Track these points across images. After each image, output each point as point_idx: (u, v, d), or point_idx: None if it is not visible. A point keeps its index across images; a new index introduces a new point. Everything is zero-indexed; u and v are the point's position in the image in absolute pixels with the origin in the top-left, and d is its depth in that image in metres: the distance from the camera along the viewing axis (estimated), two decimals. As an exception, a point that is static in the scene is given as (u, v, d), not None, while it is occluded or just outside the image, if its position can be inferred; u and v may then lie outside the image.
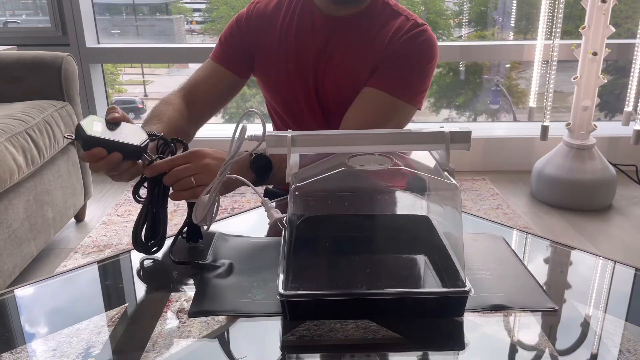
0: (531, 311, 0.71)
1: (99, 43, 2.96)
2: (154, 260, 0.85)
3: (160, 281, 0.81)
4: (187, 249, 0.87)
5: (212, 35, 3.46)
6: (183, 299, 0.74)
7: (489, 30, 3.39)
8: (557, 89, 2.63)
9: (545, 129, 2.55)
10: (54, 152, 1.96)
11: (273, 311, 0.69)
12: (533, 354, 0.64)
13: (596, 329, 0.68)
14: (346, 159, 0.74)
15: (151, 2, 3.55)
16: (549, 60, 2.48)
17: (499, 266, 0.80)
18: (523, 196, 2.60)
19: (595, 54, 2.32)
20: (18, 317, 0.74)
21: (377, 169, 0.73)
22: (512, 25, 3.20)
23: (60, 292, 0.80)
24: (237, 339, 0.67)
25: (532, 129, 2.84)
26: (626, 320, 0.70)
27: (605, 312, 0.72)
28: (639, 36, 2.47)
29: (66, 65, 2.09)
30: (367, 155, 0.75)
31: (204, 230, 0.87)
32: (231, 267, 0.80)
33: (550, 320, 0.70)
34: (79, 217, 2.33)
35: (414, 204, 0.84)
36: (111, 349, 0.65)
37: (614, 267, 0.84)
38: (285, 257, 0.72)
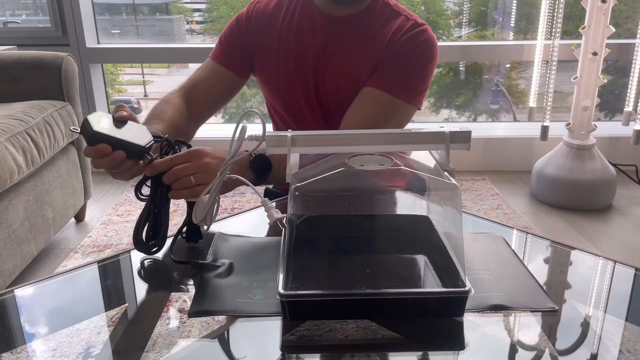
0: (531, 311, 0.71)
1: (99, 43, 2.96)
2: (154, 260, 0.85)
3: (160, 281, 0.81)
4: (187, 248, 0.87)
5: (212, 35, 3.46)
6: (183, 299, 0.74)
7: (489, 30, 3.39)
8: (557, 89, 2.63)
9: (545, 129, 2.55)
10: (54, 152, 1.96)
11: (273, 311, 0.69)
12: (533, 354, 0.64)
13: (596, 329, 0.68)
14: (346, 159, 0.74)
15: (151, 2, 3.55)
16: (549, 60, 2.48)
17: (499, 266, 0.80)
18: (523, 196, 2.60)
19: (595, 54, 2.32)
20: (18, 317, 0.74)
21: (377, 169, 0.73)
22: (512, 25, 3.20)
23: (60, 292, 0.80)
24: (237, 339, 0.67)
25: (532, 129, 2.84)
26: (626, 320, 0.70)
27: (605, 312, 0.72)
28: (639, 36, 2.47)
29: (66, 65, 2.09)
30: (367, 155, 0.75)
31: (204, 230, 0.87)
32: (231, 267, 0.80)
33: (550, 320, 0.70)
34: (79, 217, 2.33)
35: (414, 204, 0.84)
36: (111, 349, 0.65)
37: (614, 267, 0.84)
38: (285, 257, 0.72)
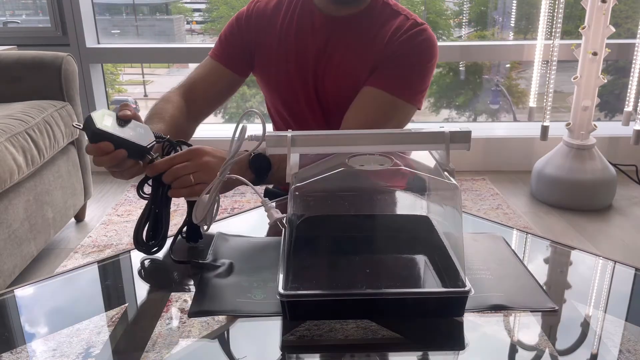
0: (531, 311, 0.71)
1: (99, 43, 2.96)
2: (154, 260, 0.85)
3: (160, 281, 0.81)
4: (187, 248, 0.87)
5: (212, 35, 3.46)
6: (183, 299, 0.74)
7: (489, 30, 3.39)
8: (557, 89, 2.63)
9: (545, 129, 2.55)
10: (54, 152, 1.96)
11: (273, 311, 0.69)
12: (533, 354, 0.64)
13: (596, 329, 0.68)
14: (346, 159, 0.74)
15: (151, 2, 3.55)
16: (549, 60, 2.48)
17: (499, 266, 0.80)
18: (523, 196, 2.60)
19: (595, 54, 2.32)
20: (18, 317, 0.74)
21: (377, 169, 0.73)
22: (512, 25, 3.20)
23: (60, 292, 0.80)
24: (237, 339, 0.67)
25: (532, 129, 2.84)
26: (626, 320, 0.70)
27: (605, 312, 0.72)
28: (639, 36, 2.47)
29: (66, 65, 2.09)
30: (367, 155, 0.75)
31: (204, 230, 0.87)
32: (231, 267, 0.80)
33: (550, 320, 0.70)
34: (79, 217, 2.33)
35: (414, 204, 0.84)
36: (111, 349, 0.65)
37: (614, 267, 0.84)
38: (285, 257, 0.72)
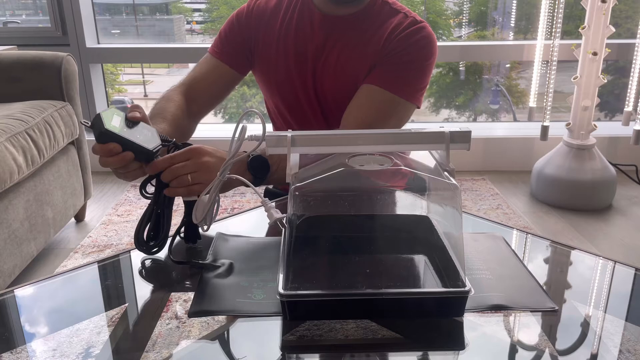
0: (531, 311, 0.71)
1: (99, 43, 2.96)
2: (154, 260, 0.85)
3: (160, 281, 0.81)
4: (187, 248, 0.87)
5: (212, 36, 3.46)
6: (183, 299, 0.74)
7: (489, 30, 3.39)
8: (557, 89, 2.63)
9: (545, 129, 2.55)
10: (54, 152, 1.96)
11: (273, 311, 0.69)
12: (533, 354, 0.64)
13: (596, 329, 0.68)
14: (346, 159, 0.74)
15: (151, 2, 3.55)
16: (549, 60, 2.48)
17: (499, 266, 0.80)
18: (523, 196, 2.60)
19: (595, 54, 2.32)
20: (18, 317, 0.74)
21: (377, 169, 0.73)
22: (512, 25, 3.20)
23: (60, 292, 0.80)
24: (237, 339, 0.67)
25: (532, 129, 2.84)
26: (626, 320, 0.70)
27: (605, 312, 0.72)
28: (639, 36, 2.47)
29: (66, 65, 2.09)
30: (367, 155, 0.75)
31: (203, 231, 0.87)
32: (231, 267, 0.80)
33: (550, 320, 0.70)
34: (79, 217, 2.33)
35: (414, 204, 0.84)
36: (111, 349, 0.65)
37: (614, 267, 0.84)
38: (285, 257, 0.72)
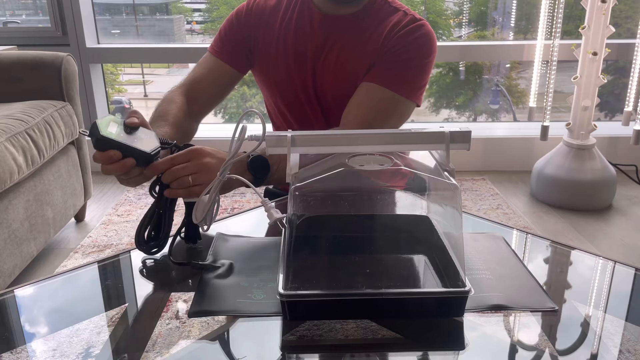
0: (531, 311, 0.71)
1: (99, 43, 2.96)
2: (154, 260, 0.85)
3: (160, 281, 0.81)
4: (187, 249, 0.87)
5: (212, 36, 3.45)
6: (183, 299, 0.74)
7: (489, 30, 3.39)
8: (557, 89, 2.63)
9: (545, 129, 2.55)
10: (54, 152, 1.96)
11: (273, 311, 0.69)
12: (533, 354, 0.64)
13: (596, 329, 0.68)
14: (346, 159, 0.74)
15: (151, 2, 3.55)
16: (549, 60, 2.48)
17: (499, 266, 0.80)
18: (523, 196, 2.60)
19: (595, 54, 2.32)
20: (18, 317, 0.74)
21: (377, 169, 0.73)
22: (512, 25, 3.20)
23: (60, 292, 0.80)
24: (237, 339, 0.67)
25: (532, 129, 2.84)
26: (626, 320, 0.70)
27: (605, 312, 0.72)
28: (639, 36, 2.47)
29: (66, 65, 2.09)
30: (367, 155, 0.75)
31: (203, 231, 0.87)
32: (231, 267, 0.80)
33: (550, 320, 0.70)
34: (79, 217, 2.33)
35: (414, 204, 0.84)
36: (111, 349, 0.65)
37: (614, 267, 0.84)
38: (285, 257, 0.72)
